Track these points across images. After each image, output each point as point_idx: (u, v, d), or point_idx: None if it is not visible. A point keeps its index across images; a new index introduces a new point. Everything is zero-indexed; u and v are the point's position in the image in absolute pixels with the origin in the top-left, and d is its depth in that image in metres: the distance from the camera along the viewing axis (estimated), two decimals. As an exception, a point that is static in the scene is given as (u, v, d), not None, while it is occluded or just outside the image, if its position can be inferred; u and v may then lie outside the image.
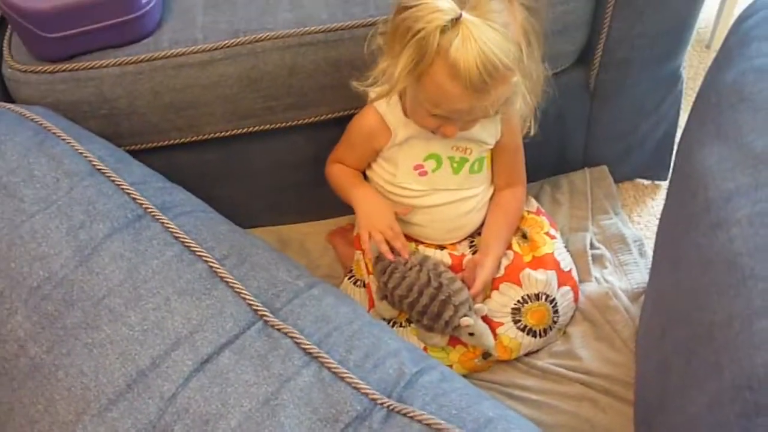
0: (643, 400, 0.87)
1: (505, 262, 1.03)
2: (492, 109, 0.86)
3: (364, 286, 1.07)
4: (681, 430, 0.72)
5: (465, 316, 0.97)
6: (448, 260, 1.03)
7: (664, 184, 1.30)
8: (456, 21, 0.79)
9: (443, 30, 0.79)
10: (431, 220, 1.03)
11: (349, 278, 1.09)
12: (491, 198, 1.06)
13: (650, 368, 0.85)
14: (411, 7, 0.81)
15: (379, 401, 0.66)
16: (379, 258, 1.00)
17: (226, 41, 0.98)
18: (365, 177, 1.06)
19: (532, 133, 0.97)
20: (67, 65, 0.97)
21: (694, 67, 1.51)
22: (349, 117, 1.07)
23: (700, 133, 0.86)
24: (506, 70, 0.81)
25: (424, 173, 1.00)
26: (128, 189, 0.84)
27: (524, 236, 1.07)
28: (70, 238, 0.78)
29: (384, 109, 0.96)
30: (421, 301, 0.96)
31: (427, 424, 0.62)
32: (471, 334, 0.99)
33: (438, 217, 1.02)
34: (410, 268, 0.98)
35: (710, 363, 0.69)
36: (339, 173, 1.05)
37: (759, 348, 0.64)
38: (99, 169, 0.85)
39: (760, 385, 0.62)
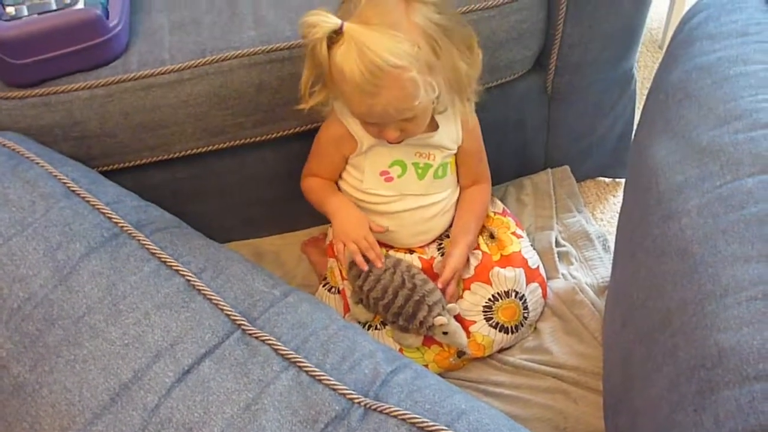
0: (609, 388, 0.91)
1: (474, 263, 1.07)
2: (408, 108, 0.88)
3: (339, 292, 1.10)
4: (644, 412, 0.76)
5: (439, 315, 1.00)
6: (418, 263, 1.06)
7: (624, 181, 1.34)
8: (339, 31, 0.83)
9: (330, 41, 0.84)
10: (399, 225, 1.06)
11: (324, 285, 1.12)
12: (458, 198, 1.10)
13: (614, 357, 0.89)
14: (305, 21, 0.85)
15: (357, 400, 0.69)
16: (353, 263, 1.03)
17: (194, 61, 1.00)
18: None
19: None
20: (36, 90, 0.99)
21: (648, 68, 1.57)
22: (317, 130, 1.10)
23: (650, 130, 0.90)
24: (394, 69, 0.83)
25: (390, 179, 1.03)
26: (103, 209, 0.86)
27: (492, 236, 1.11)
28: (48, 259, 0.79)
29: (348, 119, 0.99)
30: (396, 302, 0.99)
31: (403, 419, 0.65)
32: (445, 333, 1.02)
33: (405, 222, 1.06)
34: (384, 271, 1.01)
35: (668, 347, 0.73)
36: (313, 186, 1.08)
37: (711, 329, 0.68)
38: (73, 191, 0.87)
39: (713, 364, 0.66)
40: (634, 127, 1.30)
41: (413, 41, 0.85)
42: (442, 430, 0.63)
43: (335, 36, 0.83)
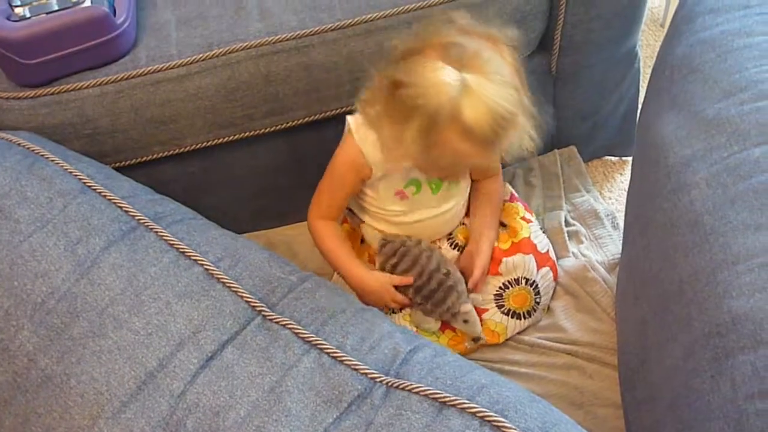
0: (624, 361, 0.92)
1: None
2: (504, 152, 0.88)
3: None
4: (660, 382, 0.77)
5: (465, 303, 1.01)
6: None
7: (631, 160, 1.35)
8: (461, 87, 0.79)
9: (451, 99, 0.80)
10: (414, 232, 1.05)
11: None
12: (471, 190, 1.09)
13: (628, 331, 0.91)
14: (410, 84, 0.81)
15: (378, 379, 0.70)
16: (387, 240, 1.03)
17: (201, 54, 1.02)
18: None
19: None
20: (48, 89, 1.00)
21: (651, 46, 1.58)
22: (326, 119, 1.11)
23: (656, 106, 0.91)
24: (513, 116, 0.82)
25: (405, 197, 1.02)
26: (120, 203, 0.87)
27: (503, 224, 1.11)
28: (69, 254, 0.81)
29: (367, 147, 0.95)
30: (429, 285, 1.00)
31: (425, 395, 0.67)
32: (465, 321, 1.03)
33: (420, 229, 1.05)
34: (420, 253, 1.01)
35: (682, 317, 0.74)
36: (325, 235, 1.04)
37: (723, 297, 0.70)
38: (90, 186, 0.88)
39: (728, 331, 0.68)
40: (639, 105, 1.31)
41: (513, 84, 0.84)
42: (464, 403, 0.64)
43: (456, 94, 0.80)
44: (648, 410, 0.80)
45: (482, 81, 0.80)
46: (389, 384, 0.69)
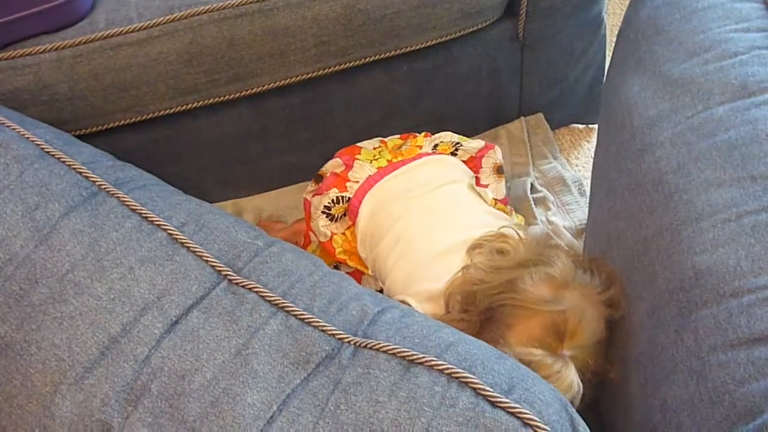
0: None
1: None
2: None
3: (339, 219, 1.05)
4: (626, 339, 0.78)
5: None
6: None
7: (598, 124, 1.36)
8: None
9: None
10: None
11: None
12: None
13: None
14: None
15: (346, 339, 0.70)
16: None
17: (162, 18, 0.99)
18: None
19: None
20: (2, 54, 0.96)
21: (617, 15, 1.58)
22: (292, 85, 1.10)
23: (622, 68, 0.92)
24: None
25: None
26: (80, 168, 0.85)
27: None
28: (27, 220, 0.79)
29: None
30: None
31: (393, 353, 0.66)
32: None
33: None
34: None
35: (646, 274, 0.75)
36: None
37: (687, 253, 0.71)
38: (48, 152, 0.86)
39: (691, 286, 0.69)
40: (605, 73, 1.31)
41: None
42: (432, 360, 0.64)
43: None
44: (615, 367, 0.81)
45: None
46: (357, 344, 0.69)
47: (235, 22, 1.01)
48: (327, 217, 1.04)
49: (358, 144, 1.09)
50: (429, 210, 0.98)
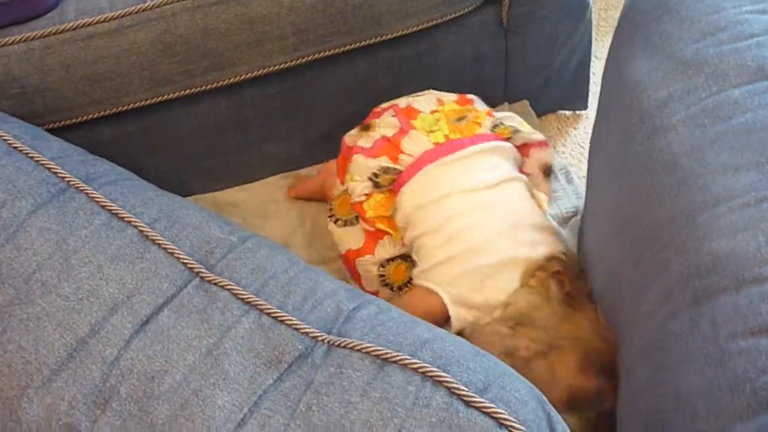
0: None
1: None
2: None
3: (351, 224, 1.02)
4: (636, 330, 0.76)
5: None
6: None
7: (585, 113, 1.34)
8: None
9: None
10: None
11: (331, 218, 1.05)
12: None
13: (600, 282, 0.89)
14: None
15: (320, 338, 0.68)
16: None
17: (134, 7, 0.96)
18: None
19: None
20: (-31, 46, 0.94)
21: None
22: (270, 75, 1.07)
23: (627, 50, 0.88)
24: None
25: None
26: (48, 164, 0.83)
27: None
28: (-7, 218, 0.77)
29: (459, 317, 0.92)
30: None
31: (366, 352, 0.65)
32: None
33: None
34: None
35: (657, 261, 0.72)
36: None
37: (704, 239, 0.68)
38: (15, 147, 0.84)
39: (708, 272, 0.66)
40: (591, 58, 1.29)
41: None
42: (406, 359, 0.63)
43: None
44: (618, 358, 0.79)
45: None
46: (330, 342, 0.67)
47: (210, 10, 0.98)
48: (374, 185, 0.99)
49: (414, 105, 1.03)
50: (485, 213, 0.95)
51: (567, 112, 1.34)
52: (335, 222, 1.03)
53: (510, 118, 1.05)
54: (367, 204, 1.00)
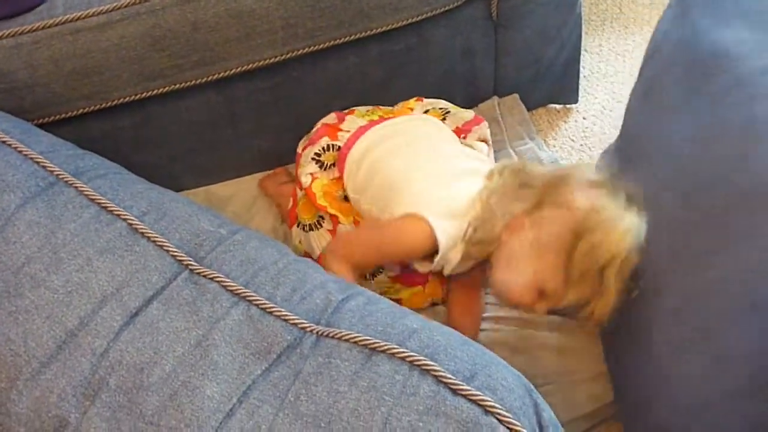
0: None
1: None
2: None
3: (313, 228, 1.02)
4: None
5: None
6: None
7: (575, 107, 1.34)
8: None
9: None
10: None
11: (299, 226, 1.04)
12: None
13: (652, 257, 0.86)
14: (594, 241, 0.83)
15: (308, 329, 0.68)
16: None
17: (123, 1, 0.96)
18: None
19: None
20: (-43, 41, 0.94)
21: (594, -7, 1.56)
22: (259, 69, 1.07)
23: (715, 16, 0.88)
24: None
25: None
26: (37, 158, 0.83)
27: None
28: (-19, 212, 0.77)
29: (450, 256, 0.92)
30: None
31: (354, 342, 0.65)
32: None
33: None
34: None
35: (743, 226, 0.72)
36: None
37: None
38: (4, 141, 0.84)
39: None
40: (581, 52, 1.29)
41: None
42: (394, 348, 0.63)
43: None
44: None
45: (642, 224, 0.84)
46: (319, 333, 0.68)
47: (199, 4, 0.98)
48: (316, 163, 1.03)
49: (352, 108, 1.11)
50: (432, 142, 1.03)
51: (557, 106, 1.35)
52: (303, 228, 1.03)
53: (440, 103, 1.11)
54: (314, 186, 1.02)
